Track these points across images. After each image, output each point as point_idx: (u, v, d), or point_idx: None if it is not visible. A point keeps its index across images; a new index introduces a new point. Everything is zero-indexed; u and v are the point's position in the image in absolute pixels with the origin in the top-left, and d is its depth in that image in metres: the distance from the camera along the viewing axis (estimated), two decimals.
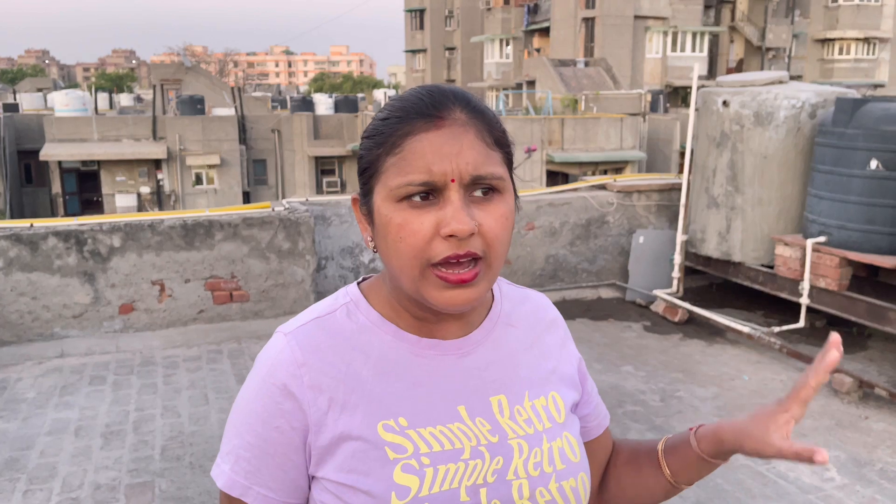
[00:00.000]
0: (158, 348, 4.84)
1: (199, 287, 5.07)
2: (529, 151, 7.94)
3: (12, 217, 23.01)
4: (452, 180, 0.77)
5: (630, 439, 1.07)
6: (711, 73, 34.16)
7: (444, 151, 0.77)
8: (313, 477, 0.83)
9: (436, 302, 0.79)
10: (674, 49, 33.54)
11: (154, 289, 4.99)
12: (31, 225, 4.79)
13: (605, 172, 22.09)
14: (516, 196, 0.86)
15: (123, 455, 3.46)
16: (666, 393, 4.20)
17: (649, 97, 27.35)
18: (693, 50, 33.79)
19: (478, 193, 0.79)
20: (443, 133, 0.78)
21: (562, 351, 0.98)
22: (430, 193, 0.78)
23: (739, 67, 37.06)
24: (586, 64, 30.19)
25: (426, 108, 0.80)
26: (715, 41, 36.03)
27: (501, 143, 0.84)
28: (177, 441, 3.59)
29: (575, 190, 6.38)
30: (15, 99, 34.37)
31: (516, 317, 0.95)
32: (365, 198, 0.84)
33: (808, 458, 0.79)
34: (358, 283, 0.91)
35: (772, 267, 5.22)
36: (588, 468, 0.92)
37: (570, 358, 0.99)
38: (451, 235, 0.76)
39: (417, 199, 0.78)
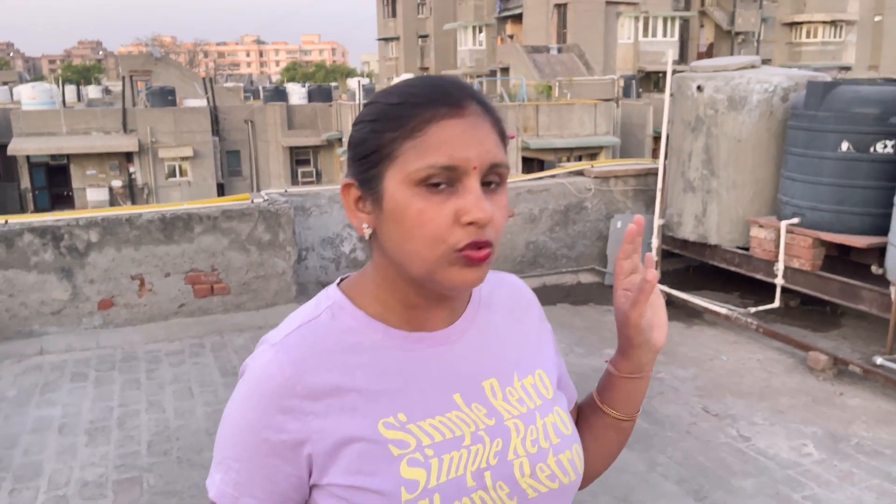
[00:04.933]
0: (140, 343, 4.81)
1: (179, 281, 5.04)
2: (507, 138, 7.95)
3: None
4: (475, 167, 0.79)
5: None
6: (683, 57, 34.39)
7: (469, 138, 0.79)
8: (316, 485, 0.83)
9: (451, 282, 0.80)
10: (645, 34, 33.71)
11: (134, 283, 4.94)
12: (6, 222, 4.72)
13: (581, 158, 22.19)
14: None
15: (109, 451, 3.45)
16: None
17: (622, 82, 27.44)
18: (664, 35, 33.99)
19: (486, 182, 0.81)
20: (466, 121, 0.80)
21: (541, 330, 1.01)
22: (450, 181, 0.79)
23: (710, 52, 37.37)
24: (559, 50, 30.23)
25: (448, 96, 0.81)
26: (685, 26, 36.27)
27: (504, 138, 0.86)
28: (163, 436, 3.58)
29: (553, 176, 6.43)
30: None
31: (496, 301, 0.97)
32: (368, 183, 0.83)
33: (648, 288, 0.88)
34: (338, 284, 0.91)
35: (747, 249, 5.31)
36: (579, 439, 0.95)
37: (548, 336, 1.02)
38: (471, 223, 0.78)
39: (437, 185, 0.78)
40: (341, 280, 0.92)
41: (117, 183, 24.61)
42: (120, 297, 4.92)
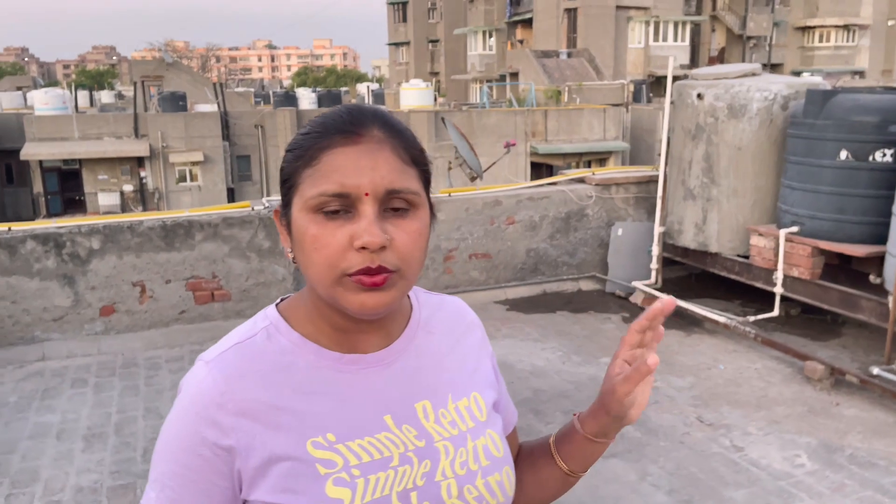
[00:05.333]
0: (140, 350, 4.85)
1: (180, 287, 5.08)
2: (509, 146, 7.97)
3: None
4: (366, 194, 0.80)
5: (527, 441, 1.10)
6: (694, 62, 34.31)
7: (360, 165, 0.80)
8: (245, 501, 0.84)
9: (350, 306, 0.82)
10: (656, 39, 33.63)
11: (135, 290, 4.99)
12: (9, 229, 4.78)
13: (589, 164, 22.19)
14: (433, 214, 0.89)
15: (105, 457, 3.48)
16: None
17: (632, 87, 27.41)
18: (675, 39, 33.90)
19: (392, 208, 0.82)
20: (359, 148, 0.81)
21: (480, 352, 1.01)
22: (345, 207, 0.81)
23: (721, 56, 37.24)
24: (569, 55, 30.23)
25: (345, 124, 0.83)
26: (697, 30, 36.17)
27: (418, 162, 0.86)
28: None
29: (554, 184, 6.43)
30: None
31: (435, 322, 0.98)
32: (284, 209, 0.86)
33: (644, 371, 0.85)
34: (276, 305, 0.93)
35: (747, 257, 5.30)
36: (511, 462, 0.95)
37: (487, 359, 1.02)
38: (363, 248, 0.79)
39: (331, 211, 0.80)
40: (281, 300, 0.93)
41: (128, 188, 24.79)
42: (121, 303, 4.97)
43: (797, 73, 31.32)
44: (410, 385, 0.91)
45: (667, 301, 0.86)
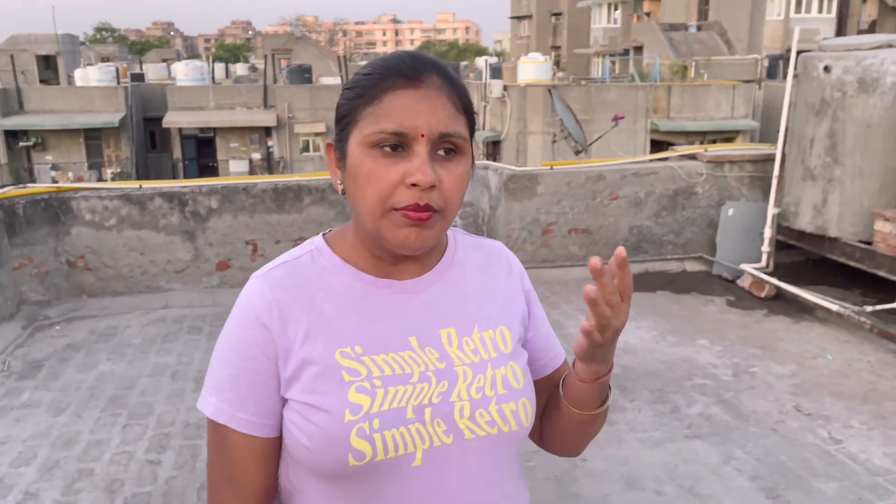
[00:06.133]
0: None
1: (288, 248, 5.34)
2: (617, 119, 7.76)
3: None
4: (422, 135, 0.86)
5: None
6: (841, 35, 31.73)
7: (419, 108, 0.87)
8: (284, 400, 0.94)
9: (394, 240, 0.88)
10: (798, 10, 31.37)
11: (247, 248, 5.33)
12: (140, 186, 5.21)
13: (714, 142, 21.14)
14: (473, 161, 0.94)
15: None
16: (739, 368, 4.11)
17: (766, 62, 25.78)
18: (820, 11, 31.52)
19: (441, 152, 0.88)
20: (419, 93, 0.87)
21: (514, 291, 1.05)
22: (401, 145, 0.87)
23: (872, 30, 34.20)
24: (698, 28, 28.80)
25: (407, 69, 0.89)
26: (845, 1, 33.39)
27: (468, 111, 0.92)
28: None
29: (662, 160, 6.23)
30: (141, 69, 36.64)
31: (469, 261, 1.03)
32: (340, 143, 0.93)
33: (607, 295, 0.85)
34: (324, 234, 1.01)
35: (870, 243, 4.94)
36: (532, 396, 0.98)
37: (522, 297, 1.06)
38: (414, 185, 0.85)
39: (388, 148, 0.86)
40: (328, 232, 1.02)
41: (257, 156, 26.16)
42: (235, 259, 5.32)
43: None
44: (437, 312, 0.97)
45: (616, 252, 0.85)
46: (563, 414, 1.03)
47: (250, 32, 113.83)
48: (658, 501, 2.86)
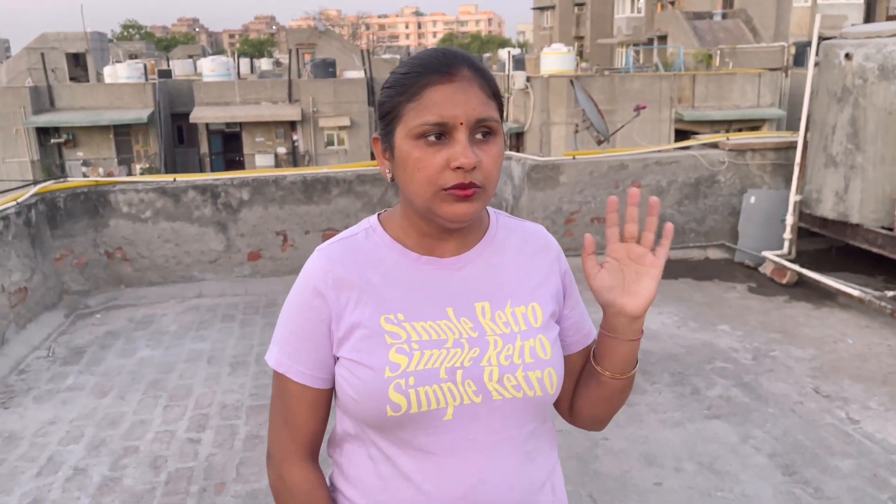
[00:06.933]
0: (281, 293, 5.34)
1: (317, 238, 5.52)
2: (638, 109, 7.79)
3: None
4: (461, 123, 0.98)
5: None
6: (870, 21, 31.16)
7: (455, 99, 0.99)
8: (336, 357, 1.08)
9: (445, 214, 1.01)
10: None
11: (278, 239, 5.49)
12: (174, 179, 5.40)
13: (740, 131, 20.95)
14: (505, 140, 1.07)
15: (247, 382, 3.95)
16: (759, 352, 4.18)
17: (793, 50, 25.43)
18: None
19: (478, 136, 1.01)
20: (454, 86, 1.00)
21: (550, 271, 1.16)
22: (442, 134, 0.99)
23: None
24: (724, 16, 28.47)
25: (440, 65, 1.01)
26: None
27: (497, 95, 1.05)
28: None
29: (685, 148, 6.27)
30: (168, 65, 37.15)
31: (509, 242, 1.15)
32: (386, 137, 1.05)
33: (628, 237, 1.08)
34: (378, 215, 1.15)
35: (892, 229, 4.96)
36: (559, 367, 1.09)
37: (558, 277, 1.17)
38: (458, 168, 0.98)
39: (432, 137, 0.98)
40: (382, 212, 1.16)
41: (282, 150, 26.44)
42: (266, 250, 5.49)
43: None
44: (474, 287, 1.09)
45: (630, 190, 1.05)
46: (596, 382, 1.14)
47: (274, 27, 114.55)
48: (677, 477, 2.96)
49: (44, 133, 25.48)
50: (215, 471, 3.09)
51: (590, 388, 1.16)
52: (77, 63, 35.14)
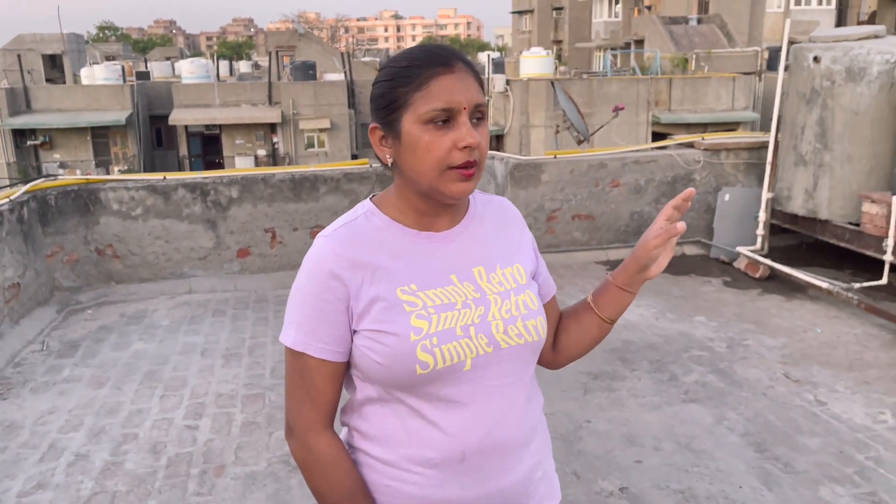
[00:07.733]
0: (270, 288, 5.46)
1: (305, 235, 5.64)
2: (617, 110, 8.01)
3: None
4: (464, 108, 1.14)
5: (568, 305, 1.43)
6: (841, 27, 31.82)
7: (458, 87, 1.14)
8: (355, 331, 1.20)
9: (450, 192, 1.16)
10: (798, 2, 31.51)
11: (266, 236, 5.60)
12: (164, 177, 5.48)
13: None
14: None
15: (240, 372, 4.06)
16: (734, 341, 4.38)
17: (766, 55, 25.94)
18: (819, 2, 31.67)
19: (475, 119, 1.16)
20: (455, 76, 1.15)
21: (521, 237, 1.35)
22: (447, 119, 1.14)
23: (872, 20, 34.31)
24: (699, 21, 28.96)
25: (441, 59, 1.16)
26: None
27: (482, 85, 1.22)
28: (284, 363, 4.14)
29: (662, 148, 6.48)
30: (146, 67, 36.90)
31: (486, 214, 1.32)
32: (390, 125, 1.17)
33: (673, 231, 1.22)
34: (371, 199, 1.28)
35: (858, 224, 5.19)
36: (544, 314, 1.29)
37: (528, 242, 1.36)
38: (466, 147, 1.13)
39: (439, 122, 1.12)
40: (372, 196, 1.29)
41: (262, 152, 26.43)
42: (255, 247, 5.59)
43: None
44: (468, 255, 1.25)
45: (690, 189, 1.23)
46: (595, 326, 1.35)
47: (252, 30, 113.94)
48: (656, 456, 3.13)
49: (20, 135, 25.24)
50: (214, 455, 3.20)
51: (582, 330, 1.37)
52: (54, 65, 34.80)
